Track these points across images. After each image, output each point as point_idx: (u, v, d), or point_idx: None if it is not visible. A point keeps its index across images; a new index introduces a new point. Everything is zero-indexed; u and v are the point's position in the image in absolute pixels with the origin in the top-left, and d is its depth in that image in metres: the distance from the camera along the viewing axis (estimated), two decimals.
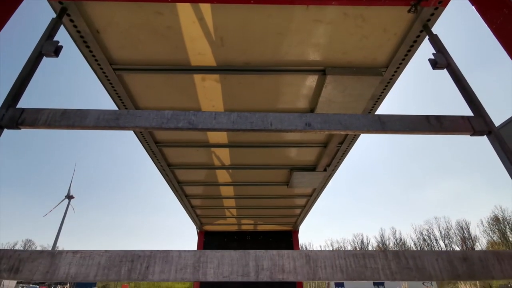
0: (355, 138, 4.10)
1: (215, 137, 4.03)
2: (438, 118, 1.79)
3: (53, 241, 74.76)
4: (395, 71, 2.84)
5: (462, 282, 25.66)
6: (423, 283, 32.72)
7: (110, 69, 2.73)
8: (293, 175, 4.88)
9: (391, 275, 1.27)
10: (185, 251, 1.30)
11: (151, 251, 1.30)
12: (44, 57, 1.99)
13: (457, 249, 66.23)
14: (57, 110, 1.71)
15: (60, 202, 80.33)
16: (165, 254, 1.28)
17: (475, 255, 1.32)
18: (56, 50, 1.96)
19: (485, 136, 1.80)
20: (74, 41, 2.45)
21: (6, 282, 35.69)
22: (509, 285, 30.41)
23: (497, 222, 56.72)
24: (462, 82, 1.97)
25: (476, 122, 1.78)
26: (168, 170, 4.85)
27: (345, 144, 4.20)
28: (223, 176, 5.24)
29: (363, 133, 1.76)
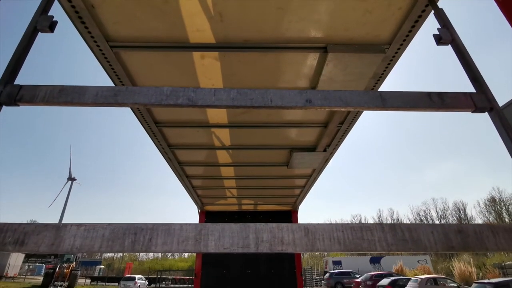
0: (355, 118, 4.09)
1: (215, 117, 4.02)
2: (439, 94, 1.77)
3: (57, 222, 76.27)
4: (398, 48, 2.78)
5: (456, 259, 26.45)
6: (418, 261, 33.78)
7: (107, 46, 2.67)
8: (293, 156, 4.91)
9: (387, 246, 1.30)
10: (186, 224, 1.33)
11: (154, 224, 1.33)
12: (40, 33, 1.94)
13: None
14: (55, 87, 1.69)
15: (63, 187, 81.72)
16: (167, 227, 1.31)
17: (470, 228, 1.35)
18: (51, 26, 1.91)
19: (486, 116, 1.79)
20: (69, 16, 2.38)
21: (12, 260, 36.81)
22: (502, 263, 31.37)
23: (493, 203, 57.66)
24: (466, 58, 1.93)
25: (478, 99, 1.77)
26: (169, 150, 4.87)
27: (345, 124, 4.19)
28: (223, 156, 5.27)
29: (363, 109, 1.75)
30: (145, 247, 1.27)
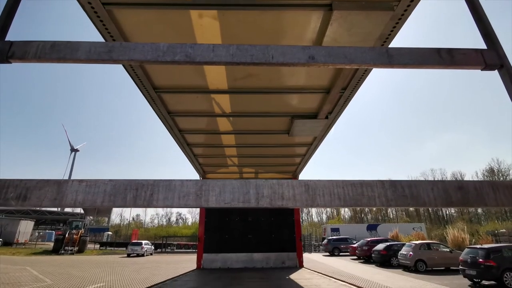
0: (359, 83, 3.98)
1: (214, 82, 3.92)
2: (449, 51, 1.69)
3: None
4: (408, 5, 2.61)
5: (450, 226, 27.41)
6: (413, 228, 35.05)
7: (99, 4, 2.52)
8: (294, 123, 4.87)
9: (387, 202, 1.31)
10: (187, 180, 1.33)
11: (154, 180, 1.33)
12: None
13: None
14: (46, 42, 1.61)
15: (70, 157, 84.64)
16: (168, 183, 1.32)
17: (471, 184, 1.35)
18: None
19: (491, 87, 1.72)
20: None
21: (22, 227, 38.35)
22: (496, 231, 32.52)
23: (492, 174, 58.39)
24: (478, 12, 1.82)
25: (489, 56, 1.69)
26: (169, 117, 4.83)
27: (348, 90, 4.10)
28: (224, 124, 5.23)
29: (369, 67, 1.68)
30: (147, 202, 1.28)
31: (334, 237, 31.55)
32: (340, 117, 5.15)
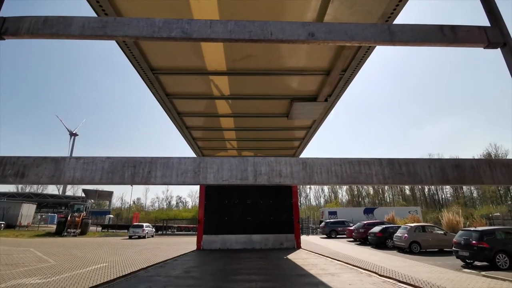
0: (359, 65, 3.92)
1: (213, 63, 3.85)
2: (452, 28, 1.65)
3: None
4: None
5: (445, 210, 27.89)
6: (409, 212, 35.72)
7: None
8: (293, 106, 4.83)
9: (384, 180, 1.32)
10: (185, 157, 1.33)
11: (152, 158, 1.33)
12: None
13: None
14: (39, 18, 1.57)
15: (70, 142, 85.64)
16: (166, 160, 1.32)
17: (468, 162, 1.35)
18: None
19: (492, 70, 1.69)
20: None
21: (24, 210, 38.86)
22: (490, 215, 33.14)
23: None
24: None
25: (492, 33, 1.65)
26: (167, 100, 4.78)
27: (348, 72, 4.04)
28: (223, 107, 5.19)
29: (370, 44, 1.64)
30: (145, 179, 1.29)
31: (331, 220, 32.16)
32: (340, 101, 5.11)
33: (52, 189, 78.04)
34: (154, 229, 33.21)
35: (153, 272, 3.86)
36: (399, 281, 2.99)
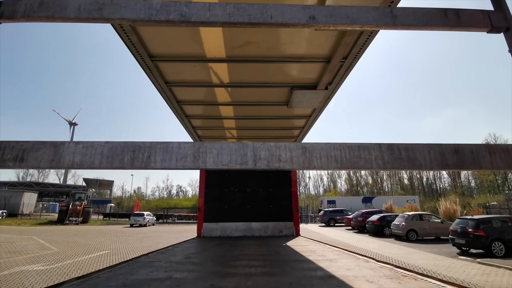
0: (360, 52, 3.87)
1: (212, 50, 3.80)
2: (456, 11, 1.62)
3: None
4: None
5: (443, 199, 28.17)
6: (407, 201, 36.10)
7: None
8: (293, 94, 4.80)
9: (383, 164, 1.32)
10: (184, 142, 1.33)
11: (151, 142, 1.32)
12: None
13: (445, 173, 70.71)
14: (34, 0, 1.54)
15: (70, 131, 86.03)
16: (165, 145, 1.31)
17: (467, 147, 1.35)
18: None
19: (492, 57, 1.66)
20: None
21: (26, 199, 39.18)
22: (487, 204, 33.50)
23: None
24: None
25: (495, 17, 1.62)
26: (166, 88, 4.75)
27: (349, 59, 3.99)
28: (222, 95, 5.16)
29: (372, 28, 1.62)
30: (144, 163, 1.29)
31: (330, 208, 32.51)
32: (340, 90, 5.08)
33: (53, 178, 78.44)
34: (155, 218, 33.60)
35: (154, 258, 3.93)
36: (396, 266, 3.04)
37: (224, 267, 3.31)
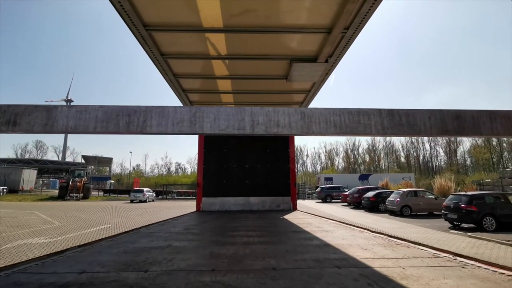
0: (362, 22, 3.74)
1: (209, 19, 3.65)
2: None
3: (62, 141, 79.44)
4: None
5: (438, 176, 28.66)
6: (402, 178, 36.73)
7: None
8: (292, 67, 4.69)
9: (383, 130, 1.31)
10: (180, 107, 1.30)
11: (147, 107, 1.30)
12: None
13: (441, 151, 71.47)
14: None
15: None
16: (161, 110, 1.29)
17: (468, 113, 1.33)
18: None
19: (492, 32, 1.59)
20: None
21: (26, 175, 39.45)
22: (481, 181, 34.15)
23: None
24: None
25: None
26: (162, 60, 4.62)
27: (351, 30, 3.86)
28: (220, 68, 5.03)
29: None
30: (140, 128, 1.27)
31: (327, 185, 33.06)
32: (340, 64, 4.96)
33: (51, 156, 78.64)
34: (154, 194, 34.13)
35: (154, 229, 4.02)
36: (390, 236, 3.14)
37: (223, 237, 3.40)
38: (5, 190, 34.16)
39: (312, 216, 6.09)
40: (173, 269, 1.73)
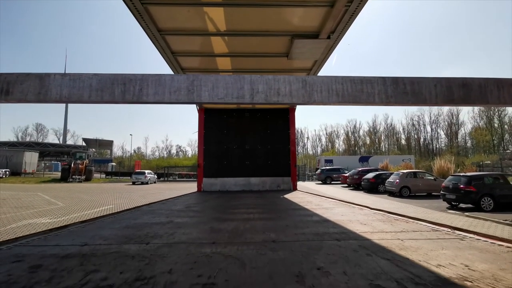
0: None
1: None
2: None
3: (62, 124, 79.30)
4: None
5: (438, 157, 28.73)
6: (402, 160, 36.87)
7: None
8: (293, 44, 4.57)
9: (386, 99, 1.27)
10: (177, 75, 1.26)
11: (143, 75, 1.25)
12: None
13: (442, 134, 71.21)
14: None
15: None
16: (158, 78, 1.24)
17: (476, 81, 1.29)
18: None
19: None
20: None
21: (27, 158, 39.70)
22: (481, 162, 34.27)
23: (487, 109, 58.67)
24: None
25: None
26: (160, 37, 4.49)
27: (354, 3, 3.72)
28: (219, 45, 4.90)
29: None
30: (136, 97, 1.23)
31: (327, 167, 33.24)
32: (341, 47, 4.82)
33: (52, 139, 78.75)
34: (156, 176, 34.45)
35: (155, 207, 4.07)
36: (389, 212, 3.17)
37: (224, 214, 3.44)
38: (7, 172, 34.50)
39: (312, 196, 6.15)
40: (174, 242, 1.75)
